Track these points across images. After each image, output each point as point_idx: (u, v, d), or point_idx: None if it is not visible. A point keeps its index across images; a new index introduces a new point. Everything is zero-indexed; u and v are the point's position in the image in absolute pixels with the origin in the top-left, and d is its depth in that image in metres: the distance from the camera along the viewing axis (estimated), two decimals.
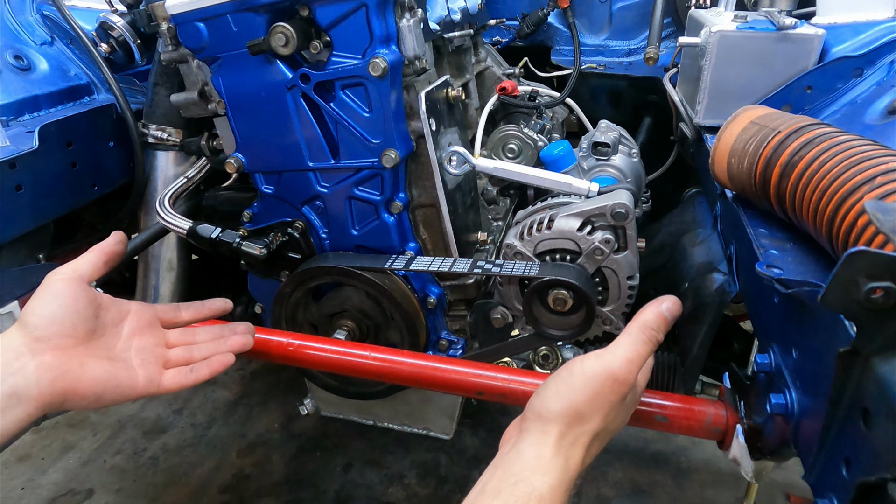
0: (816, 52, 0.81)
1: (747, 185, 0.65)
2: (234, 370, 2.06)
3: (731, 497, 1.53)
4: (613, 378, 0.54)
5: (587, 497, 1.55)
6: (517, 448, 0.52)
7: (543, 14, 1.29)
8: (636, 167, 1.05)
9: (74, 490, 1.62)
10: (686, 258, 0.93)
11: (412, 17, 0.80)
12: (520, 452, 0.51)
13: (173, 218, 0.99)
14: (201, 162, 1.10)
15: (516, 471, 0.49)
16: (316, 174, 0.91)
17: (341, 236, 0.94)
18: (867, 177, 0.48)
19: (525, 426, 0.54)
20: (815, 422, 0.48)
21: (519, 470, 0.49)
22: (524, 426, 0.54)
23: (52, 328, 0.59)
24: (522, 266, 0.83)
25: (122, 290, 1.25)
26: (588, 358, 0.56)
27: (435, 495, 1.57)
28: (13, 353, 0.57)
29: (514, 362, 1.02)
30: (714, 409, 0.70)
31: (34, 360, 0.57)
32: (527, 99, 1.15)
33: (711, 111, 0.88)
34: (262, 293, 1.07)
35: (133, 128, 1.07)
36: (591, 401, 0.53)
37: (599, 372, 0.54)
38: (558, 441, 0.52)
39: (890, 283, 0.37)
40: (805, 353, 0.53)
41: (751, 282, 0.68)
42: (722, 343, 1.08)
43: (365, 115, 0.83)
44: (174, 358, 0.69)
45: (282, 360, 0.89)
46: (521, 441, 0.53)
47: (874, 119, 0.71)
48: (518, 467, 0.50)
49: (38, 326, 0.59)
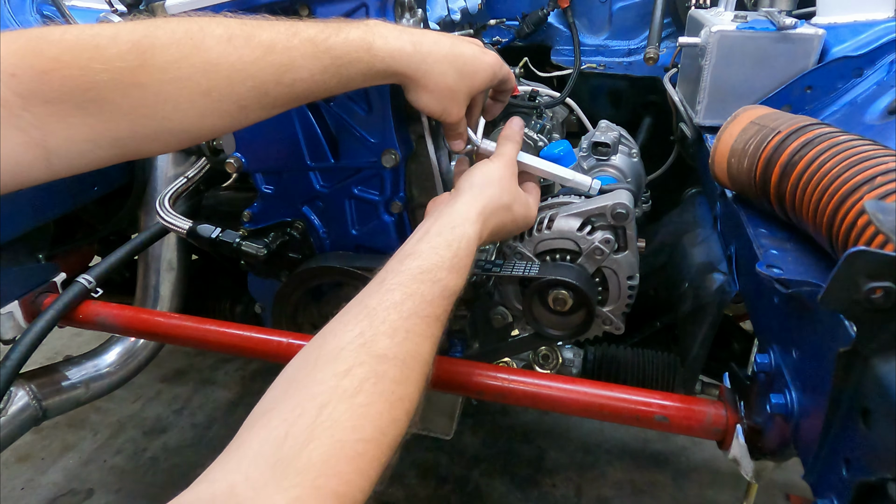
0: (816, 52, 0.81)
1: (747, 185, 0.65)
2: (234, 370, 2.06)
3: (731, 497, 1.53)
4: (513, 163, 0.78)
5: (587, 497, 1.55)
6: (454, 206, 0.68)
7: (543, 14, 1.29)
8: (636, 167, 1.05)
9: (74, 490, 1.62)
10: (686, 258, 0.93)
11: (412, 17, 0.80)
12: (456, 208, 0.67)
13: (173, 218, 0.99)
14: (201, 162, 1.10)
15: (454, 220, 0.65)
16: (316, 174, 0.91)
17: (341, 236, 0.94)
18: (867, 177, 0.48)
19: (459, 193, 0.70)
20: (815, 422, 0.48)
21: (456, 219, 0.65)
22: (458, 193, 0.70)
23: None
24: (522, 266, 0.83)
25: (121, 290, 1.25)
26: (490, 163, 0.76)
27: (435, 495, 1.57)
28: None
29: (514, 362, 1.02)
30: (714, 409, 0.70)
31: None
32: (527, 99, 1.15)
33: (711, 111, 0.88)
34: (262, 293, 1.07)
35: None
36: (505, 182, 0.74)
37: (505, 159, 0.77)
38: (482, 206, 0.68)
39: (890, 283, 0.37)
40: (805, 353, 0.53)
41: (751, 282, 0.68)
42: (722, 343, 1.08)
43: (365, 115, 0.83)
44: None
45: (282, 359, 0.88)
46: (457, 201, 0.68)
47: (874, 119, 0.71)
48: (454, 218, 0.65)
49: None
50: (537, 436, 1.75)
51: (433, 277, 0.59)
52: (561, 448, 1.71)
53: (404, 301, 0.56)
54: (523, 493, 1.57)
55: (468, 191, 0.71)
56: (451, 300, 0.61)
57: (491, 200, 0.70)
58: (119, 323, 0.96)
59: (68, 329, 1.07)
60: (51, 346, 2.09)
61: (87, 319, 0.97)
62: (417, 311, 0.56)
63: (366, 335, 0.52)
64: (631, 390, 0.75)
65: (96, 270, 0.99)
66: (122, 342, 1.16)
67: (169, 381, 2.02)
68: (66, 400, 1.05)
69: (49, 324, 0.92)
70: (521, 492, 1.57)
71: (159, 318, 0.98)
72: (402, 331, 0.54)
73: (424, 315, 0.56)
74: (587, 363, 1.03)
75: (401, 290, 0.57)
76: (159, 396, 1.95)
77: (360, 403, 0.47)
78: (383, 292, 0.57)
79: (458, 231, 0.64)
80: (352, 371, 0.49)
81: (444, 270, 0.60)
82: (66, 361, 1.11)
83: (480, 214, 0.68)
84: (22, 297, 0.97)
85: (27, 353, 0.89)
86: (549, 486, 1.58)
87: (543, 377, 0.79)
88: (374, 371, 0.49)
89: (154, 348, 1.20)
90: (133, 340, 1.17)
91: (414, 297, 0.57)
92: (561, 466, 1.64)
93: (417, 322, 0.56)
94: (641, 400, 0.73)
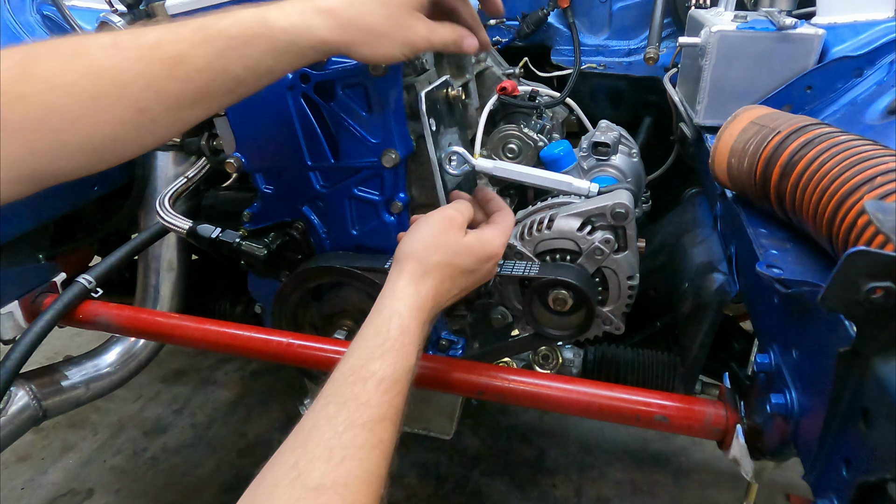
0: (816, 52, 0.81)
1: (747, 185, 0.65)
2: (233, 370, 2.06)
3: (731, 497, 1.53)
4: (447, 217, 0.70)
5: (587, 497, 1.55)
6: (383, 290, 0.65)
7: (543, 14, 1.29)
8: (636, 167, 1.05)
9: (74, 490, 1.62)
10: (686, 258, 0.93)
11: None
12: (384, 291, 0.65)
13: (173, 218, 0.99)
14: (201, 162, 1.10)
15: (383, 303, 0.63)
16: (316, 174, 0.91)
17: (341, 236, 0.94)
18: (867, 177, 0.48)
19: (389, 274, 0.68)
20: (815, 422, 0.48)
21: (384, 301, 0.63)
22: (389, 274, 0.68)
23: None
24: (522, 266, 0.83)
25: (121, 291, 1.25)
26: (417, 225, 0.71)
27: (435, 495, 1.57)
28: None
29: (514, 362, 1.02)
30: (714, 409, 0.70)
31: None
32: (527, 99, 1.15)
33: (711, 111, 0.88)
34: (262, 293, 1.07)
35: None
36: (433, 238, 0.68)
37: (436, 216, 0.71)
38: (410, 274, 0.65)
39: (890, 283, 0.37)
40: (805, 353, 0.53)
41: (751, 282, 0.68)
42: (722, 343, 1.08)
43: (365, 115, 0.83)
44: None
45: (282, 359, 0.89)
46: (385, 283, 0.66)
47: (874, 119, 0.71)
48: (384, 301, 0.63)
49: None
50: (537, 436, 1.75)
51: (364, 374, 0.55)
52: (561, 448, 1.71)
53: (338, 413, 0.51)
54: (523, 493, 1.57)
55: (395, 266, 0.67)
56: (396, 390, 0.56)
57: (418, 265, 0.66)
58: (119, 323, 0.96)
59: (68, 329, 1.07)
60: (51, 346, 2.09)
61: (87, 319, 0.97)
62: (353, 421, 0.51)
63: (300, 465, 0.47)
64: (631, 390, 0.75)
65: (96, 270, 0.99)
66: (122, 342, 1.16)
67: (169, 381, 2.02)
68: (66, 400, 1.05)
69: (49, 324, 0.92)
70: (521, 492, 1.57)
71: (159, 318, 0.98)
72: (339, 449, 0.48)
73: (363, 422, 0.51)
74: (587, 363, 1.03)
75: (334, 400, 0.52)
76: (159, 396, 1.95)
77: None
78: (318, 408, 0.52)
79: (385, 312, 0.61)
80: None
81: (376, 361, 0.56)
82: (66, 361, 1.11)
83: (408, 285, 0.64)
84: (22, 297, 0.97)
85: (27, 353, 0.89)
86: (549, 486, 1.58)
87: (543, 377, 0.79)
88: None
89: (154, 348, 1.20)
90: (133, 340, 1.17)
91: (347, 404, 0.52)
92: (561, 466, 1.64)
93: (356, 434, 0.50)
94: (641, 400, 0.73)
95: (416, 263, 0.66)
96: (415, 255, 0.67)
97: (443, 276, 0.67)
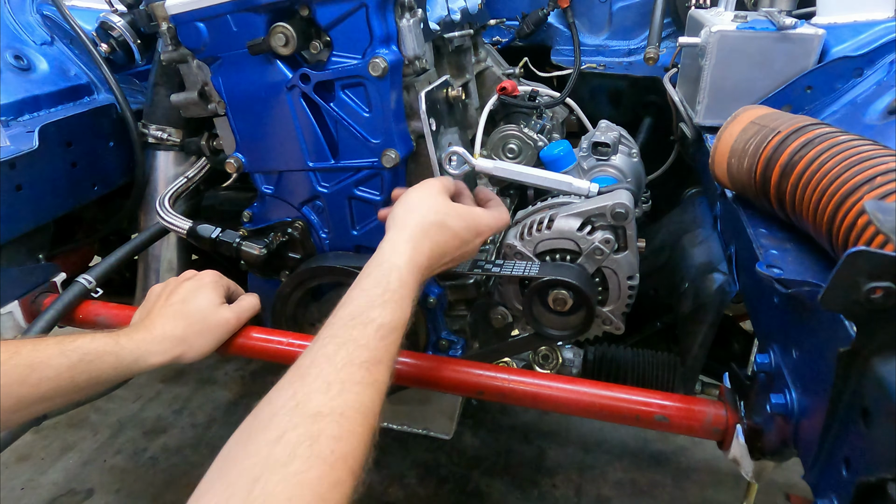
0: (816, 52, 0.81)
1: (747, 185, 0.65)
2: (233, 370, 2.06)
3: (731, 497, 1.53)
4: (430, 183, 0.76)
5: (587, 497, 1.55)
6: (381, 246, 0.68)
7: (543, 14, 1.29)
8: (636, 167, 1.05)
9: (74, 490, 1.61)
10: (686, 258, 0.93)
11: (412, 17, 0.80)
12: (382, 247, 0.68)
13: (173, 218, 0.99)
14: (201, 162, 1.10)
15: (383, 257, 0.66)
16: (316, 174, 0.91)
17: (341, 236, 0.94)
18: (867, 177, 0.48)
19: (387, 230, 0.71)
20: (815, 422, 0.48)
21: (382, 255, 0.66)
22: (386, 231, 0.71)
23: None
24: (522, 266, 0.83)
25: (121, 291, 1.25)
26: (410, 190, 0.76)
27: (435, 495, 1.57)
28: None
29: (514, 362, 1.02)
30: (714, 409, 0.70)
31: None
32: (527, 99, 1.15)
33: (711, 111, 0.88)
34: (262, 293, 1.07)
35: (133, 128, 1.07)
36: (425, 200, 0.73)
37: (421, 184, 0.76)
38: (409, 233, 0.69)
39: (890, 283, 0.37)
40: (805, 353, 0.53)
41: (751, 282, 0.68)
42: (722, 343, 1.08)
43: (365, 115, 0.83)
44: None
45: (282, 359, 0.88)
46: (383, 241, 0.69)
47: (874, 119, 0.71)
48: (382, 255, 0.66)
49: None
50: (537, 436, 1.75)
51: (364, 320, 0.58)
52: (561, 448, 1.71)
53: (337, 351, 0.54)
54: (523, 493, 1.57)
55: (392, 226, 0.71)
56: (392, 337, 0.59)
57: (417, 224, 0.69)
58: (119, 323, 0.96)
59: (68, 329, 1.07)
60: None
61: (87, 319, 0.97)
62: (352, 359, 0.54)
63: (298, 395, 0.50)
64: (631, 390, 0.75)
65: (96, 270, 0.99)
66: None
67: (169, 381, 2.02)
68: None
69: (49, 324, 0.92)
70: (521, 492, 1.57)
71: None
72: (337, 383, 0.51)
73: (361, 361, 0.54)
74: (587, 363, 1.03)
75: (333, 341, 0.55)
76: (159, 396, 1.95)
77: (295, 472, 0.44)
78: (317, 348, 0.55)
79: (385, 266, 0.64)
80: (284, 437, 0.46)
81: (376, 309, 0.59)
82: None
83: (408, 241, 0.67)
84: (22, 297, 0.97)
85: None
86: (549, 486, 1.58)
87: (543, 377, 0.79)
88: (308, 433, 0.46)
89: None
90: None
91: (347, 345, 0.55)
92: (561, 466, 1.64)
93: (354, 371, 0.53)
94: (641, 400, 0.73)
95: (414, 224, 0.70)
96: (413, 216, 0.71)
97: (437, 239, 0.71)
